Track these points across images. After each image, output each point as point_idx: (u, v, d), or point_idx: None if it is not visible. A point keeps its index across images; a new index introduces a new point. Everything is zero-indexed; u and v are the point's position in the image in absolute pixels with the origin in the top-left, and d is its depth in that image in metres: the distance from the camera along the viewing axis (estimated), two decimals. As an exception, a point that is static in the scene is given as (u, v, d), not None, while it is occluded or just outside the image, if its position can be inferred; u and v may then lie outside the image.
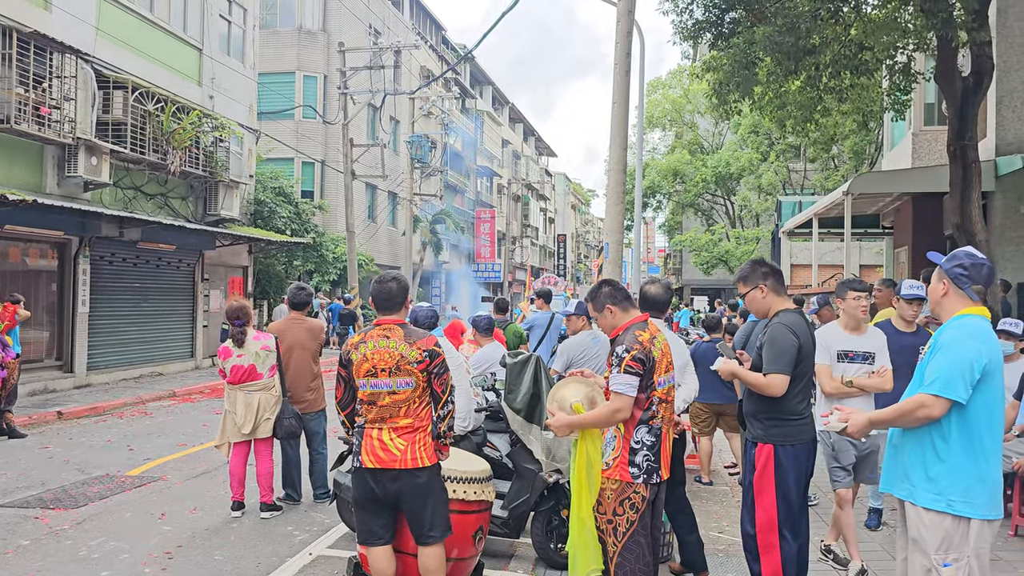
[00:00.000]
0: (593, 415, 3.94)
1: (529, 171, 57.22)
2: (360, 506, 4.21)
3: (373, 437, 4.11)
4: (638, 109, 22.03)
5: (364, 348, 4.13)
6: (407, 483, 4.08)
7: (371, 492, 4.12)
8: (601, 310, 4.12)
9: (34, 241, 13.85)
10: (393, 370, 4.07)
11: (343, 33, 27.24)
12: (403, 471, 4.06)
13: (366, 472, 4.10)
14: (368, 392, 4.11)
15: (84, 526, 6.35)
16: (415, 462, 4.07)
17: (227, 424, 6.60)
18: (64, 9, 13.61)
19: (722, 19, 11.01)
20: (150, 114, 15.25)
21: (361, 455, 4.11)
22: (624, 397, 3.81)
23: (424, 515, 4.13)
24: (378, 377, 4.08)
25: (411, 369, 4.08)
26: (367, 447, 4.10)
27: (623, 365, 3.82)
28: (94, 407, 12.33)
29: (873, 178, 14.67)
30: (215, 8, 18.58)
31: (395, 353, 4.09)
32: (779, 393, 4.03)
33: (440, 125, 35.20)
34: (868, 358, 5.17)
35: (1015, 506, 6.05)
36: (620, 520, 3.87)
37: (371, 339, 4.15)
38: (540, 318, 10.19)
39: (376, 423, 4.12)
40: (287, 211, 22.05)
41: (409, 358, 4.08)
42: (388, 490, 4.09)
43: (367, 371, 4.09)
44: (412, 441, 4.09)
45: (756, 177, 33.39)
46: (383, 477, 4.07)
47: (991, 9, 10.32)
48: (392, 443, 4.07)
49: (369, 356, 4.10)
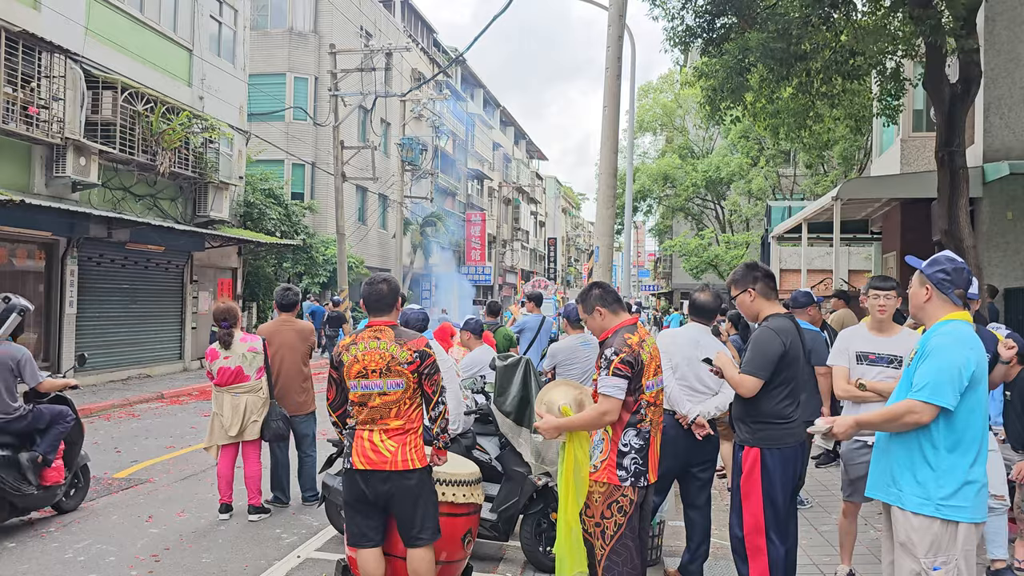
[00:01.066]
0: (581, 417, 3.94)
1: (520, 174, 57.28)
2: (351, 507, 4.20)
3: (364, 439, 4.10)
4: (629, 113, 22.08)
5: (355, 350, 4.13)
6: (397, 485, 4.07)
7: (361, 493, 4.11)
8: (591, 312, 4.13)
9: (21, 241, 13.76)
10: (384, 371, 4.07)
11: (334, 35, 27.20)
12: (393, 472, 4.05)
13: (357, 473, 4.09)
14: (359, 393, 4.10)
15: (70, 528, 6.31)
16: (405, 464, 4.06)
17: (215, 426, 6.57)
18: (53, 8, 13.54)
19: (713, 24, 11.06)
20: (139, 115, 15.18)
21: (352, 456, 4.10)
22: (612, 399, 3.82)
23: (414, 517, 4.12)
24: (369, 378, 4.08)
25: (401, 370, 4.07)
26: (358, 448, 4.10)
27: (611, 368, 3.82)
28: (81, 408, 12.19)
29: (862, 184, 14.74)
30: (206, 9, 18.52)
31: (386, 354, 4.08)
32: (748, 394, 4.04)
33: (431, 128, 35.17)
34: (893, 361, 4.77)
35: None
36: (608, 523, 3.88)
37: (362, 340, 4.15)
38: (530, 321, 10.20)
39: (367, 424, 4.12)
40: (277, 213, 21.98)
41: (400, 359, 4.07)
42: (378, 492, 4.08)
43: (358, 372, 4.09)
44: (403, 443, 4.09)
45: (746, 182, 33.50)
46: (373, 478, 4.06)
47: (979, 17, 10.40)
48: (383, 444, 4.07)
49: (360, 357, 4.10)
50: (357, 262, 27.17)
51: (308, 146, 26.87)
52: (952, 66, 10.62)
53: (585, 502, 3.94)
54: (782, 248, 21.13)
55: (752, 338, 4.18)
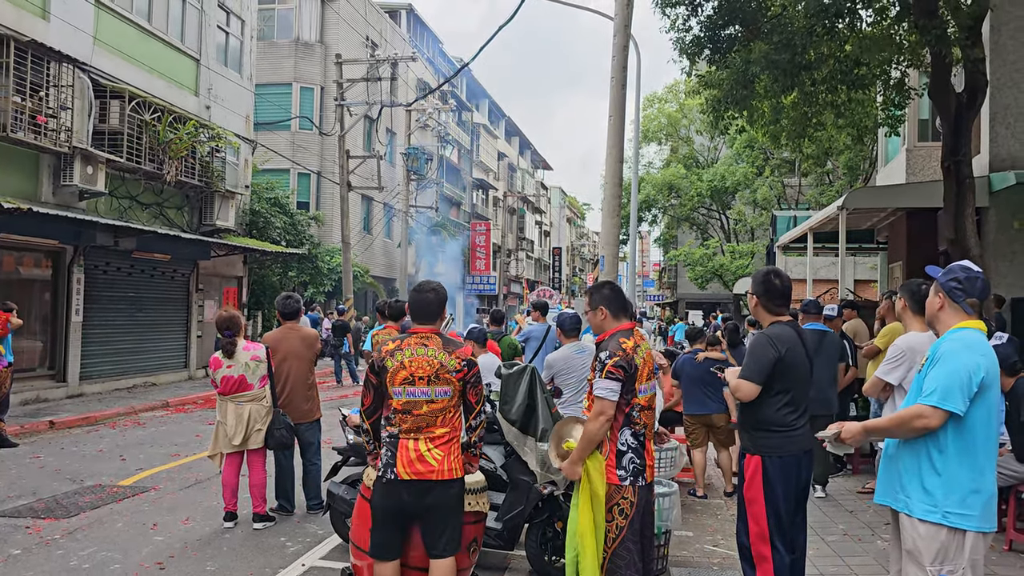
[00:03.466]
0: (585, 435, 4.01)
1: (525, 184, 57.34)
2: (384, 519, 4.08)
3: (409, 448, 4.00)
4: (634, 123, 22.11)
5: (401, 355, 4.04)
6: (441, 494, 4.01)
7: (401, 504, 4.01)
8: (595, 308, 4.22)
9: (28, 250, 13.82)
10: (432, 378, 4.01)
11: (340, 45, 27.33)
12: (440, 482, 3.99)
13: (401, 484, 3.99)
14: (404, 400, 4.02)
15: (75, 536, 6.30)
16: (451, 473, 4.02)
17: (219, 435, 6.57)
18: (62, 19, 13.63)
19: (718, 35, 11.07)
20: (147, 124, 15.25)
21: (396, 466, 3.98)
22: (605, 401, 3.93)
23: (446, 528, 4.07)
24: (416, 385, 4.01)
25: (450, 378, 4.04)
26: (403, 458, 3.99)
27: (605, 371, 3.94)
28: (86, 417, 12.26)
29: (867, 193, 14.72)
30: (213, 19, 18.64)
31: (434, 361, 4.03)
32: (746, 398, 4.10)
33: (436, 137, 35.26)
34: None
35: (1009, 520, 6.05)
36: (610, 527, 3.95)
37: (408, 347, 4.07)
38: (536, 330, 10.20)
39: (412, 433, 4.02)
40: (282, 222, 22.04)
41: (448, 367, 4.04)
42: (421, 502, 4.00)
43: (404, 379, 4.01)
44: (448, 452, 4.04)
45: (751, 191, 33.49)
46: (419, 488, 3.98)
47: (984, 26, 10.39)
48: (429, 453, 3.99)
49: (406, 363, 4.02)
50: (362, 271, 27.21)
51: (314, 155, 26.96)
52: (958, 76, 10.61)
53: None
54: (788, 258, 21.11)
55: (749, 344, 4.27)
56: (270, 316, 21.54)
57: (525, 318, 14.22)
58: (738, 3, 10.70)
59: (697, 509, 7.36)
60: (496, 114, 51.99)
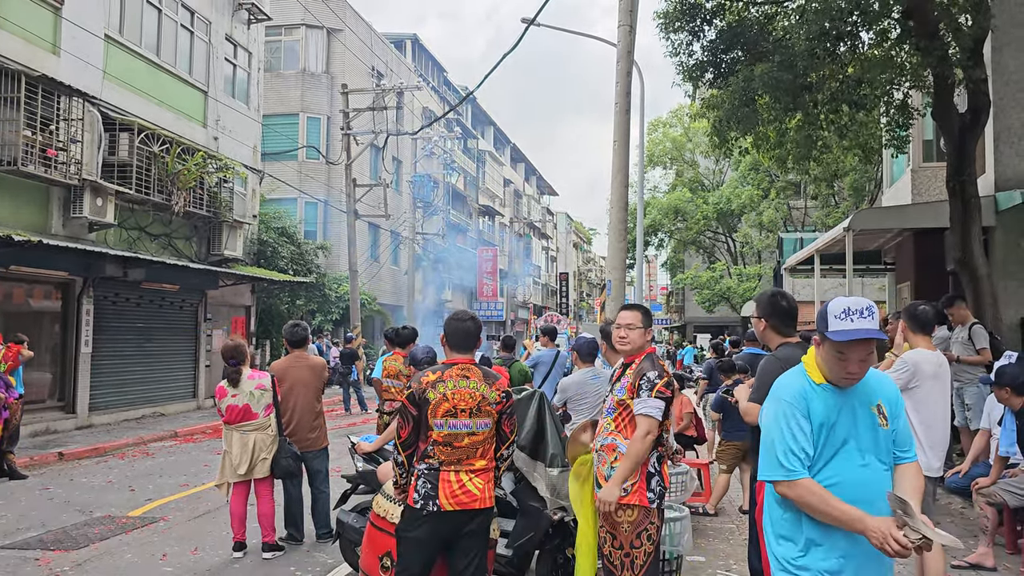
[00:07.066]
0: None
1: (531, 210, 57.50)
2: (421, 549, 4.01)
3: (451, 481, 3.96)
4: (639, 147, 22.21)
5: (443, 387, 4.00)
6: (483, 521, 4.03)
7: (441, 533, 3.98)
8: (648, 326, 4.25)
9: (38, 282, 13.90)
10: (474, 411, 3.99)
11: (346, 75, 27.60)
12: (482, 510, 4.00)
13: (445, 515, 3.95)
14: (445, 433, 3.97)
15: (85, 568, 6.28)
16: (490, 501, 4.04)
17: (225, 464, 6.56)
18: (73, 53, 13.82)
19: (721, 60, 11.15)
20: (155, 155, 15.40)
21: (439, 499, 3.93)
22: (653, 420, 3.92)
23: (478, 555, 4.06)
24: (458, 418, 3.97)
25: (491, 410, 4.04)
26: (446, 491, 3.94)
27: (655, 389, 3.95)
28: (95, 448, 12.27)
29: (873, 214, 14.72)
30: (221, 52, 18.87)
31: (476, 394, 4.02)
32: (755, 421, 4.06)
33: (442, 165, 35.47)
34: None
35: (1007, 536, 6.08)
36: (638, 552, 3.93)
37: (450, 379, 4.03)
38: (545, 355, 10.15)
39: (452, 465, 3.98)
40: (290, 251, 22.13)
41: (490, 399, 4.04)
42: (462, 530, 3.98)
43: (446, 411, 3.97)
44: (487, 480, 4.04)
45: (757, 214, 33.55)
46: (462, 517, 3.97)
47: (986, 46, 10.44)
48: (471, 483, 3.98)
49: (449, 396, 3.99)
50: (369, 299, 27.26)
51: (321, 184, 27.13)
52: (960, 96, 10.64)
53: (610, 532, 3.94)
54: (795, 280, 21.09)
55: (759, 367, 4.26)
56: (278, 345, 21.56)
57: (533, 343, 14.19)
58: (740, 28, 10.79)
59: (709, 534, 7.30)
60: (501, 141, 52.28)
